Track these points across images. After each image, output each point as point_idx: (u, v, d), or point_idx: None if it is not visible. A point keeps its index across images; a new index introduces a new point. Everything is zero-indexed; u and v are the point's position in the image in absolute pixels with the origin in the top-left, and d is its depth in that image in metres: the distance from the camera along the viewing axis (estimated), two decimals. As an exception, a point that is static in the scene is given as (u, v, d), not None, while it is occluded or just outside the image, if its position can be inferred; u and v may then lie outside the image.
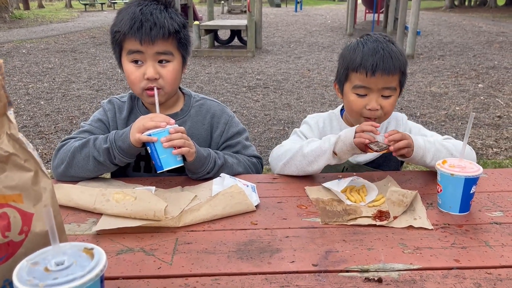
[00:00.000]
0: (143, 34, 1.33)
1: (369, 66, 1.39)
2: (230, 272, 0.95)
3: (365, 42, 1.45)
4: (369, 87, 1.42)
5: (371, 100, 1.43)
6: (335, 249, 1.03)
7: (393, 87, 1.43)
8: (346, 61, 1.47)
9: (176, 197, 1.27)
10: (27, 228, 0.69)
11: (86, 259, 0.62)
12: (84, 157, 1.35)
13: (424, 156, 1.37)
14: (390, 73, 1.40)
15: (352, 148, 1.32)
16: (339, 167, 1.56)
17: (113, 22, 1.43)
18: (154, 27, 1.34)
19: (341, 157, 1.36)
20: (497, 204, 1.25)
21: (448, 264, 0.97)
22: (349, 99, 1.47)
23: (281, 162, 1.46)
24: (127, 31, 1.34)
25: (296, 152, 1.41)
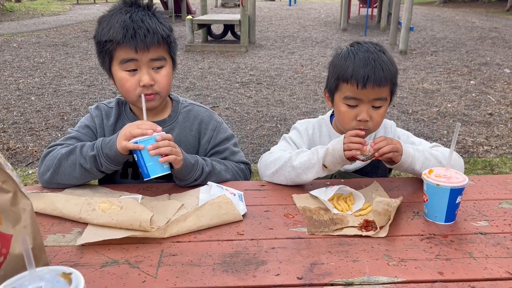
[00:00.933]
0: (138, 41, 1.32)
1: (360, 78, 1.38)
2: (214, 286, 0.95)
3: (356, 52, 1.44)
4: (360, 98, 1.41)
5: (361, 111, 1.42)
6: (320, 261, 1.03)
7: (384, 98, 1.43)
8: (337, 71, 1.45)
9: (163, 205, 1.26)
10: (6, 250, 0.68)
11: (64, 284, 0.62)
12: (70, 164, 1.34)
13: (413, 164, 1.37)
14: (381, 85, 1.39)
15: (342, 160, 1.33)
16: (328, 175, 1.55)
17: (96, 32, 1.40)
18: (148, 33, 1.33)
19: (331, 170, 1.36)
20: (483, 213, 1.26)
21: (432, 276, 0.98)
22: (340, 109, 1.47)
23: (269, 170, 1.45)
24: (120, 40, 1.32)
25: (285, 163, 1.41)
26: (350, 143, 1.31)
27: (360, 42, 1.49)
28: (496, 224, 1.20)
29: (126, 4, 1.39)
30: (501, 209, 1.28)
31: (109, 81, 1.48)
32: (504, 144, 4.50)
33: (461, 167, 1.43)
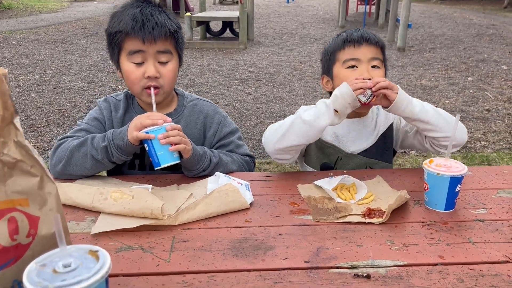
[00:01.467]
0: (145, 33, 1.37)
1: (355, 38, 1.54)
2: (225, 269, 0.99)
3: (345, 30, 1.62)
4: (358, 58, 1.53)
5: (363, 71, 1.52)
6: (326, 246, 1.08)
7: (380, 58, 1.56)
8: (331, 48, 1.61)
9: (172, 195, 1.31)
10: (34, 231, 0.72)
11: (92, 261, 0.66)
12: (82, 156, 1.38)
13: (411, 105, 1.41)
14: (375, 43, 1.54)
15: (352, 100, 1.38)
16: (333, 158, 1.61)
17: (108, 25, 1.46)
18: (156, 26, 1.39)
19: (342, 113, 1.40)
20: (481, 201, 1.31)
21: (433, 260, 1.02)
22: (341, 75, 1.56)
23: (278, 134, 1.45)
24: (129, 30, 1.38)
25: (294, 120, 1.43)
26: (354, 83, 1.39)
27: None
28: (494, 211, 1.24)
29: (138, 0, 1.44)
30: (499, 198, 1.33)
31: (117, 73, 1.53)
32: (501, 140, 4.55)
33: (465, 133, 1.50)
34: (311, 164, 1.66)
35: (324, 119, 1.39)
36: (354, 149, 1.62)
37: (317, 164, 1.64)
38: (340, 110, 1.38)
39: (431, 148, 1.53)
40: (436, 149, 1.52)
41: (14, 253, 0.70)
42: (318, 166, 1.64)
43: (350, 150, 1.61)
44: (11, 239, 0.69)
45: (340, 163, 1.61)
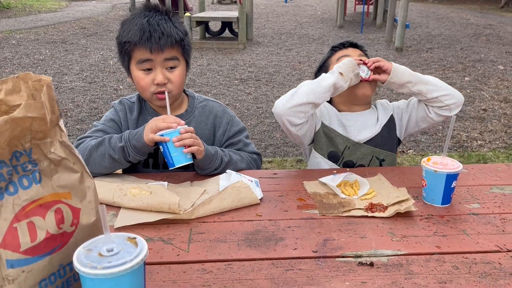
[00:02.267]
0: (152, 43, 1.45)
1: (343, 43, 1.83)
2: (241, 258, 1.08)
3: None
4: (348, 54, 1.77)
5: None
6: (332, 237, 1.17)
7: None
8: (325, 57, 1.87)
9: (187, 191, 1.40)
10: (77, 221, 0.81)
11: (131, 246, 0.75)
12: (100, 155, 1.47)
13: (407, 69, 1.62)
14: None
15: (353, 65, 1.59)
16: (341, 147, 1.71)
17: (118, 33, 1.54)
18: (162, 36, 1.46)
19: (346, 77, 1.57)
20: (475, 197, 1.40)
21: (430, 250, 1.11)
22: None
23: (288, 95, 1.57)
24: (137, 41, 1.46)
25: (301, 84, 1.60)
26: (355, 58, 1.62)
27: None
28: (487, 206, 1.34)
29: (147, 9, 1.53)
30: (492, 193, 1.42)
31: (128, 79, 1.61)
32: (497, 139, 4.66)
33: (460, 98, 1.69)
34: (319, 152, 1.73)
35: (330, 78, 1.57)
36: (360, 138, 1.72)
37: (326, 152, 1.73)
38: (344, 72, 1.56)
39: (436, 115, 1.69)
40: (442, 113, 1.67)
41: (60, 240, 0.79)
42: (326, 154, 1.73)
43: (357, 139, 1.72)
44: (58, 227, 0.78)
45: (348, 152, 1.71)
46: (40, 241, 0.76)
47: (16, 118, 0.71)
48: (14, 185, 0.76)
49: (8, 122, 0.70)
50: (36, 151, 0.77)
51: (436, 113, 1.67)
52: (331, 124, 1.72)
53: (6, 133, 0.71)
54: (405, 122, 1.78)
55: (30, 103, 0.72)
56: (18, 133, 0.73)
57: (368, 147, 1.71)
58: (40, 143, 0.77)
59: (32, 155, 0.77)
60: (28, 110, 0.72)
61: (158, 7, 1.56)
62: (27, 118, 0.72)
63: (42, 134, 0.77)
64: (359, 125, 1.73)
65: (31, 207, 0.76)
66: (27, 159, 0.77)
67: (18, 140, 0.74)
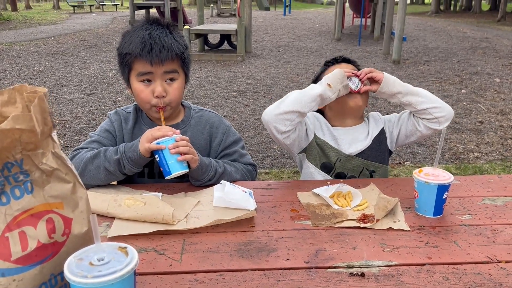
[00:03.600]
0: (153, 56, 1.47)
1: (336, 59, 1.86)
2: (233, 269, 1.08)
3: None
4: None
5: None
6: (324, 248, 1.17)
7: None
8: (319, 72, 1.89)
9: (181, 202, 1.40)
10: (68, 231, 0.82)
11: (122, 256, 0.76)
12: (95, 167, 1.48)
13: (396, 85, 1.64)
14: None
15: (342, 76, 1.60)
16: (333, 159, 1.72)
17: (119, 45, 1.56)
18: (163, 49, 1.48)
19: (334, 88, 1.59)
20: (467, 208, 1.41)
21: (421, 260, 1.12)
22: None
23: (275, 104, 1.61)
24: (138, 54, 1.48)
25: (290, 93, 1.62)
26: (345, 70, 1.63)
27: None
28: (478, 217, 1.35)
29: (148, 21, 1.55)
30: (483, 205, 1.43)
31: (127, 90, 1.63)
32: (494, 151, 4.68)
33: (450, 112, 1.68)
34: (313, 162, 1.76)
35: (317, 88, 1.60)
36: (351, 151, 1.74)
37: (319, 163, 1.75)
38: (332, 83, 1.57)
39: (425, 128, 1.70)
40: (431, 126, 1.69)
41: (51, 250, 0.79)
42: (319, 165, 1.75)
43: (348, 152, 1.73)
44: (49, 237, 0.79)
45: (339, 164, 1.73)
46: (31, 250, 0.77)
47: (3, 129, 0.72)
48: (6, 195, 0.77)
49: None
50: (28, 162, 0.78)
51: (425, 125, 1.69)
52: (324, 137, 1.75)
53: (-5, 144, 0.72)
54: (395, 135, 1.81)
55: (19, 116, 0.73)
56: (8, 144, 0.74)
57: (359, 160, 1.73)
58: (31, 154, 0.78)
59: (24, 165, 0.78)
60: (17, 122, 0.73)
61: (159, 20, 1.58)
62: (15, 130, 0.73)
63: (33, 145, 0.78)
64: (350, 138, 1.76)
65: (22, 217, 0.77)
66: (18, 169, 0.78)
67: (8, 151, 0.75)
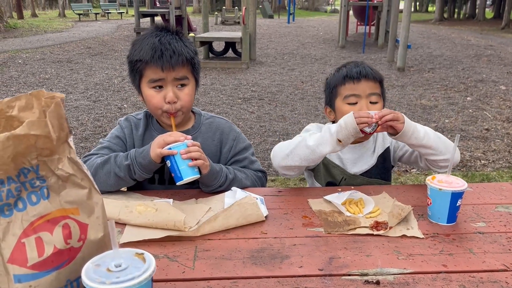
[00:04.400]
0: (164, 62, 1.48)
1: (354, 74, 1.65)
2: (246, 276, 1.07)
3: (344, 64, 1.72)
4: (358, 94, 1.64)
5: (361, 107, 1.63)
6: (337, 255, 1.16)
7: (378, 93, 1.66)
8: (333, 82, 1.72)
9: (192, 208, 1.40)
10: (84, 236, 0.81)
11: (139, 262, 0.75)
12: (105, 173, 1.48)
13: (416, 131, 1.52)
14: (373, 79, 1.64)
15: (355, 132, 1.46)
16: (338, 177, 1.72)
17: (129, 53, 1.57)
18: (174, 55, 1.49)
19: (345, 143, 1.50)
20: (481, 215, 1.40)
21: (437, 268, 1.11)
22: (342, 110, 1.66)
23: (284, 152, 1.58)
24: (149, 59, 1.48)
25: (299, 143, 1.55)
26: (360, 117, 1.47)
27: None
28: (493, 225, 1.33)
29: (158, 29, 1.56)
30: (497, 212, 1.42)
31: (138, 97, 1.63)
32: (501, 159, 4.65)
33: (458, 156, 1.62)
34: (318, 181, 1.79)
35: (326, 147, 1.50)
36: (356, 170, 1.74)
37: (324, 182, 1.77)
38: (343, 140, 1.49)
39: (426, 167, 1.67)
40: (432, 168, 1.66)
41: (67, 255, 0.79)
42: (324, 183, 1.77)
43: (353, 171, 1.73)
44: (65, 243, 0.79)
45: (344, 183, 1.73)
46: (47, 256, 0.76)
47: (18, 135, 0.72)
48: (23, 201, 0.76)
49: (10, 139, 0.72)
50: (44, 168, 0.78)
51: (426, 165, 1.66)
52: (329, 156, 1.74)
53: (9, 149, 0.72)
54: (398, 156, 1.80)
55: (33, 121, 0.73)
56: (23, 150, 0.74)
57: (363, 179, 1.73)
58: (47, 159, 0.78)
59: (40, 171, 0.78)
60: (31, 128, 0.73)
61: (168, 27, 1.60)
62: (30, 136, 0.73)
63: (49, 151, 0.78)
64: (355, 157, 1.75)
65: (39, 222, 0.77)
66: (34, 175, 0.78)
67: (24, 157, 0.75)
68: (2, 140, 0.72)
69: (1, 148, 0.72)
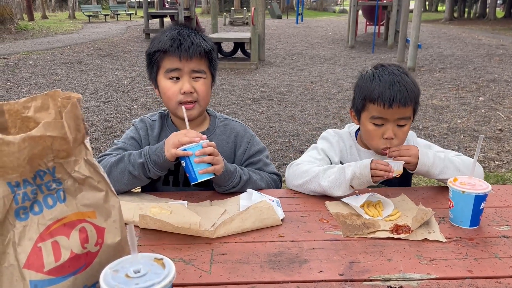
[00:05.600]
0: (182, 51, 1.48)
1: (386, 99, 1.47)
2: (265, 281, 1.04)
3: (380, 74, 1.53)
4: (385, 117, 1.51)
5: (387, 130, 1.52)
6: (358, 260, 1.13)
7: (407, 117, 1.53)
8: (363, 92, 1.54)
9: (207, 211, 1.37)
10: (101, 240, 0.79)
11: (158, 267, 0.72)
12: (120, 172, 1.46)
13: (430, 172, 1.51)
14: (406, 105, 1.48)
15: (368, 182, 1.43)
16: None
17: (149, 47, 1.57)
18: (192, 45, 1.50)
19: (357, 189, 1.48)
20: (504, 218, 1.35)
21: (462, 274, 1.07)
22: (367, 128, 1.56)
23: (297, 182, 1.54)
24: (167, 49, 1.49)
25: (312, 178, 1.50)
26: (376, 169, 1.41)
27: (384, 64, 1.59)
28: (517, 228, 1.29)
29: (177, 24, 1.58)
30: (521, 215, 1.37)
31: (154, 91, 1.63)
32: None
33: (481, 175, 1.53)
34: None
35: (339, 191, 1.46)
36: None
37: None
38: (356, 187, 1.46)
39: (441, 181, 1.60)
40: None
41: (84, 260, 0.77)
42: None
43: None
44: (82, 247, 0.76)
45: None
46: (64, 261, 0.74)
47: (34, 136, 0.70)
48: (39, 204, 0.74)
49: (26, 140, 0.70)
50: (60, 170, 0.76)
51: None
52: (350, 159, 1.67)
53: (25, 151, 0.70)
54: None
55: (50, 122, 0.71)
56: (39, 151, 0.72)
57: (382, 186, 1.66)
58: (63, 162, 0.76)
59: (56, 174, 0.76)
60: (47, 129, 0.71)
61: (187, 24, 1.62)
62: (46, 137, 0.71)
63: (65, 153, 0.75)
64: None
65: (55, 226, 0.74)
66: (51, 178, 0.75)
67: (40, 159, 0.73)
68: (18, 141, 0.70)
69: (17, 150, 0.70)
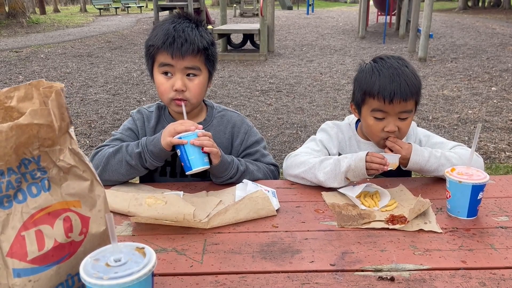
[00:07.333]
0: (174, 49, 1.45)
1: (387, 94, 1.44)
2: (255, 271, 1.04)
3: (380, 68, 1.49)
4: (386, 111, 1.48)
5: (389, 123, 1.49)
6: (350, 250, 1.12)
7: (409, 110, 1.49)
8: (363, 86, 1.51)
9: (202, 201, 1.37)
10: (86, 230, 0.80)
11: (139, 256, 0.73)
12: (117, 162, 1.47)
13: (423, 170, 1.51)
14: (407, 99, 1.45)
15: (363, 175, 1.42)
16: None
17: (148, 37, 1.55)
18: (185, 43, 1.45)
19: (353, 181, 1.46)
20: (503, 209, 1.33)
21: (455, 265, 1.05)
22: (368, 122, 1.53)
23: (293, 172, 1.54)
24: (160, 45, 1.46)
25: (309, 169, 1.49)
26: (371, 162, 1.40)
27: (383, 57, 1.54)
28: (516, 219, 1.27)
29: (177, 16, 1.54)
30: (521, 206, 1.35)
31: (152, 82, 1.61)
32: (526, 150, 4.50)
33: (481, 165, 1.50)
34: None
35: (334, 183, 1.45)
36: None
37: None
38: (351, 179, 1.44)
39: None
40: None
41: (68, 249, 0.77)
42: None
43: None
44: (66, 236, 0.77)
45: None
46: (48, 250, 0.74)
47: (21, 124, 0.70)
48: (23, 193, 0.75)
49: (14, 129, 0.70)
50: (45, 159, 0.76)
51: None
52: (350, 151, 1.65)
53: (12, 139, 0.70)
54: None
55: (36, 110, 0.71)
56: (25, 140, 0.72)
57: (380, 177, 1.64)
58: (48, 150, 0.76)
59: (41, 162, 0.76)
60: (34, 117, 0.71)
61: (189, 15, 1.56)
62: (33, 125, 0.71)
63: (51, 142, 0.76)
64: None
65: (39, 215, 0.75)
66: (35, 166, 0.76)
67: (26, 147, 0.73)
68: (6, 130, 0.70)
69: (4, 139, 0.71)
